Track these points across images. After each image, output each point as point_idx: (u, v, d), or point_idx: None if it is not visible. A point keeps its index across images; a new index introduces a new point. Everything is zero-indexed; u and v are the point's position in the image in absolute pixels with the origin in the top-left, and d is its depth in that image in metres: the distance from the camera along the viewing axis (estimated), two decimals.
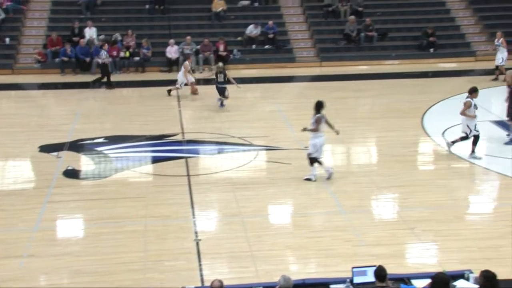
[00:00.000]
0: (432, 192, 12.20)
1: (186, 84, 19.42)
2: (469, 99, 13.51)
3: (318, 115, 12.39)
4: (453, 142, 13.96)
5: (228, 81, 18.05)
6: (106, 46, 21.32)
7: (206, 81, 20.06)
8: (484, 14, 25.75)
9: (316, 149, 12.51)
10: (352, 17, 24.65)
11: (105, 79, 20.96)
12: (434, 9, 26.21)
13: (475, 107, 13.55)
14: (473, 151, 13.74)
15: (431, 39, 24.01)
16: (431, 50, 24.08)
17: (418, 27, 24.95)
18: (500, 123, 16.03)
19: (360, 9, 25.49)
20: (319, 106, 12.48)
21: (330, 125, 12.64)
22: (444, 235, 10.31)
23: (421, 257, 9.73)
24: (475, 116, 13.53)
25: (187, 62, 19.53)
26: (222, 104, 18.02)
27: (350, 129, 16.19)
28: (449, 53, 24.22)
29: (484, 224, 10.99)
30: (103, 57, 20.90)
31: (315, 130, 12.40)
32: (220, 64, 18.72)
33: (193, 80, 19.65)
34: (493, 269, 6.88)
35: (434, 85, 20.73)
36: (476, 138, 13.67)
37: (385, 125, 16.51)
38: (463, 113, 13.53)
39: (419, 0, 26.53)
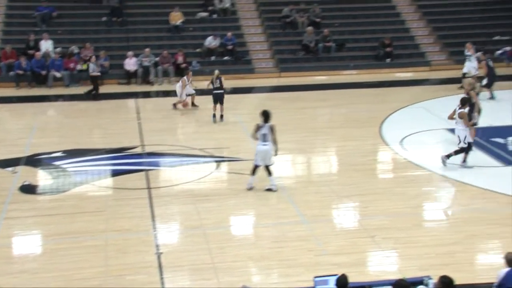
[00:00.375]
0: (391, 200, 12.37)
1: (188, 95, 19.13)
2: (463, 110, 13.66)
3: (257, 123, 12.42)
4: (464, 161, 13.92)
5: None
6: (93, 59, 21.31)
7: (166, 93, 19.94)
8: (437, 25, 26.35)
9: (255, 156, 12.56)
10: (310, 28, 24.91)
11: (94, 91, 20.92)
12: (389, 20, 26.70)
13: None
14: (464, 160, 13.88)
15: (387, 49, 24.42)
16: (388, 60, 24.49)
17: (375, 38, 25.36)
18: (452, 131, 16.34)
19: (318, 20, 25.78)
20: (263, 115, 12.44)
21: (273, 140, 12.47)
22: (403, 243, 10.44)
23: (382, 264, 9.84)
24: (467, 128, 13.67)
25: (185, 78, 19.03)
26: (222, 118, 17.83)
27: (310, 139, 16.36)
28: (405, 63, 24.68)
29: (441, 231, 11.17)
30: (92, 70, 20.97)
31: (254, 138, 12.47)
32: (217, 71, 18.26)
33: (189, 94, 19.06)
34: (450, 275, 7.01)
35: (392, 95, 21.08)
36: (464, 149, 13.77)
37: (344, 134, 16.69)
38: (467, 123, 13.60)
39: (375, 11, 26.98)
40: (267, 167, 12.63)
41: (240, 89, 22.25)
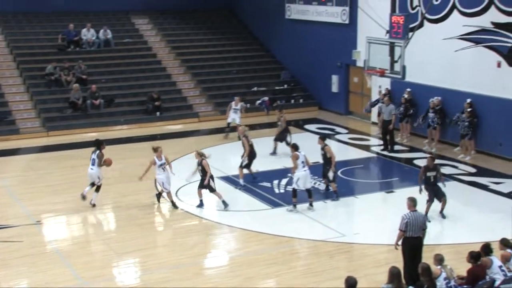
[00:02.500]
0: (171, 251, 12.53)
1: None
2: (296, 153, 14.51)
3: None
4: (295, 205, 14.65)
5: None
6: None
7: None
8: (201, 78, 27.62)
9: None
10: (76, 85, 24.41)
11: None
12: (156, 74, 27.31)
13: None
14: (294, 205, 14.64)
15: (156, 103, 24.89)
16: (158, 113, 24.95)
17: (143, 92, 25.71)
18: (225, 178, 17.18)
19: (84, 76, 25.43)
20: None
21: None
22: None
23: None
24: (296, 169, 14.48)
25: (154, 158, 15.24)
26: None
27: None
28: (175, 116, 25.34)
29: (220, 277, 11.57)
30: None
31: None
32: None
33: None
34: None
35: (164, 147, 21.32)
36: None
37: (120, 190, 16.52)
38: (295, 166, 14.41)
39: (141, 66, 27.41)
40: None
41: (4, 151, 20.88)
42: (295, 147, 14.78)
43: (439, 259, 9.43)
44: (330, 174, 15.34)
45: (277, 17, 28.75)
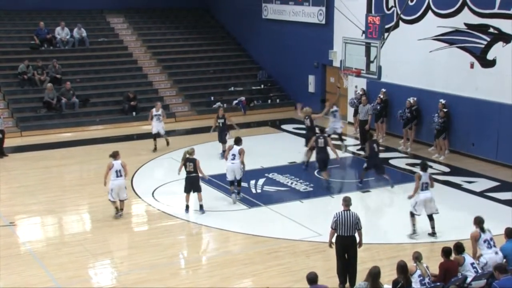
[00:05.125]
0: (147, 252, 12.45)
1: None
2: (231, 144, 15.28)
3: None
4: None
5: None
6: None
7: None
8: (177, 78, 27.53)
9: None
10: (50, 84, 24.12)
11: None
12: (131, 74, 27.14)
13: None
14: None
15: (132, 103, 24.73)
16: (134, 113, 24.79)
17: (119, 92, 25.53)
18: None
19: (58, 76, 25.15)
20: None
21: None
22: None
23: None
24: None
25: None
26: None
27: (59, 198, 15.79)
28: None
29: (197, 277, 11.54)
30: None
31: None
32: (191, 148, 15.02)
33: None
34: None
35: (140, 147, 21.25)
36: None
37: (95, 190, 16.33)
38: (225, 157, 15.29)
39: (116, 66, 27.21)
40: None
41: None
42: (235, 140, 15.39)
43: (416, 257, 9.57)
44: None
45: (253, 16, 28.77)
